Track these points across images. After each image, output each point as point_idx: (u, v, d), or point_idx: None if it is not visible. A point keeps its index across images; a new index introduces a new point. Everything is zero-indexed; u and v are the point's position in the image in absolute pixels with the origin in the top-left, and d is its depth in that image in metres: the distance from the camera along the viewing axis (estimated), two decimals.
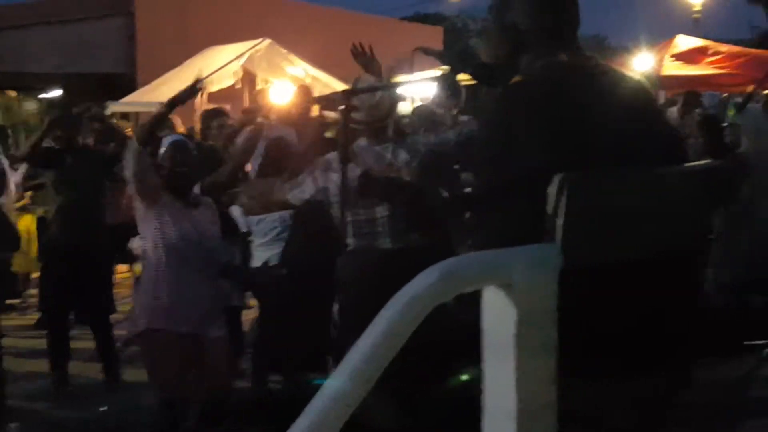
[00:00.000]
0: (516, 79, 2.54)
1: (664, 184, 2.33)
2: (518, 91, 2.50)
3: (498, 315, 1.63)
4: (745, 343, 4.47)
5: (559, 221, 2.07)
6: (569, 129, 2.34)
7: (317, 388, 1.56)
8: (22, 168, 10.11)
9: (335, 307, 4.54)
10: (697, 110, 7.63)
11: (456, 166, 4.94)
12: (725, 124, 6.54)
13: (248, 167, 6.44)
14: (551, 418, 1.65)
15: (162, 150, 5.20)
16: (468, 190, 4.38)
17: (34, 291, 9.64)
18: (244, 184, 5.83)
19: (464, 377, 3.10)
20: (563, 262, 1.72)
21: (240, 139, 6.38)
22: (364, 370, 1.52)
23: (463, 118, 6.62)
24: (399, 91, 5.85)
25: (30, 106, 22.99)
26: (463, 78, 3.66)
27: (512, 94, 2.52)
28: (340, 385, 1.52)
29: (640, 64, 13.45)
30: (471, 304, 1.72)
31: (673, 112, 7.61)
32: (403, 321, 1.54)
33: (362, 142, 4.46)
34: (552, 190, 2.13)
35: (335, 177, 4.15)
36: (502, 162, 2.40)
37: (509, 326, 1.62)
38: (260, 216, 5.74)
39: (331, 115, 5.70)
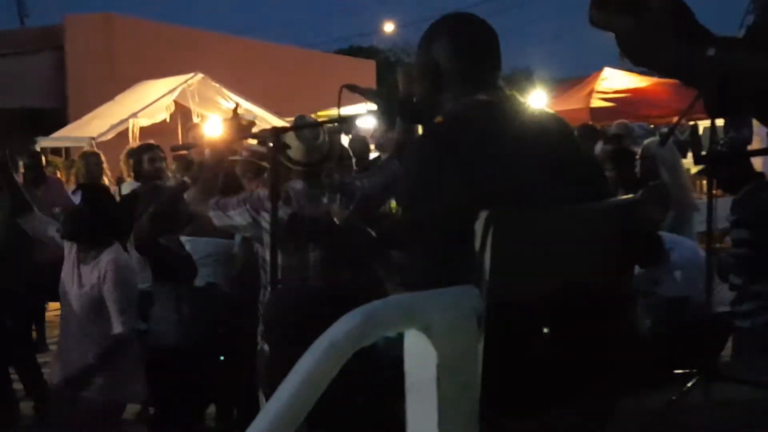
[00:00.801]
0: (437, 119, 2.57)
1: (586, 219, 2.38)
2: (438, 131, 2.53)
3: (419, 358, 1.65)
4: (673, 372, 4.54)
5: (486, 258, 2.10)
6: (488, 168, 2.37)
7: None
8: None
9: (264, 346, 4.51)
10: (602, 143, 7.76)
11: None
12: (637, 157, 6.66)
13: None
14: None
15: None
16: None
17: None
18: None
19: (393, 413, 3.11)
20: (485, 302, 1.74)
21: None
22: (285, 417, 1.52)
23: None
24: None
25: None
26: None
27: (432, 134, 2.56)
28: (269, 419, 1.52)
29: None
30: (398, 341, 1.73)
31: (599, 145, 7.73)
32: (324, 366, 1.55)
33: (297, 183, 4.43)
34: (478, 227, 2.16)
35: (266, 215, 4.13)
36: (423, 201, 2.42)
37: (430, 369, 1.63)
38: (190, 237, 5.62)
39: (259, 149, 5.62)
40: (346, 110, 4.33)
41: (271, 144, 4.26)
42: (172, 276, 5.39)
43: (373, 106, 4.08)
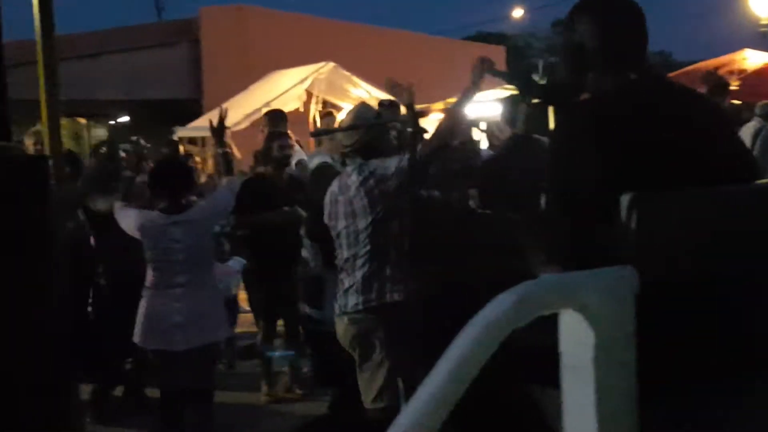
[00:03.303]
0: (584, 96, 2.52)
1: (736, 201, 2.30)
2: (586, 109, 2.49)
3: (576, 338, 1.62)
4: None
5: (633, 238, 2.06)
6: (638, 147, 2.32)
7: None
8: None
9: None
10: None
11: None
12: None
13: None
14: None
15: None
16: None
17: None
18: None
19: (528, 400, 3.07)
20: (639, 284, 1.70)
21: None
22: (443, 395, 1.51)
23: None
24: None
25: (99, 132, 23.44)
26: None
27: (579, 112, 2.51)
28: (419, 407, 1.52)
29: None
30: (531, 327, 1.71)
31: (749, 127, 7.50)
32: (481, 345, 1.54)
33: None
34: (622, 209, 2.12)
35: None
36: (570, 179, 2.38)
37: (587, 349, 1.60)
38: None
39: None
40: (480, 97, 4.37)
41: (410, 129, 4.32)
42: None
43: (502, 93, 4.07)
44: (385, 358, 4.63)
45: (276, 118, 8.58)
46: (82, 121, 22.04)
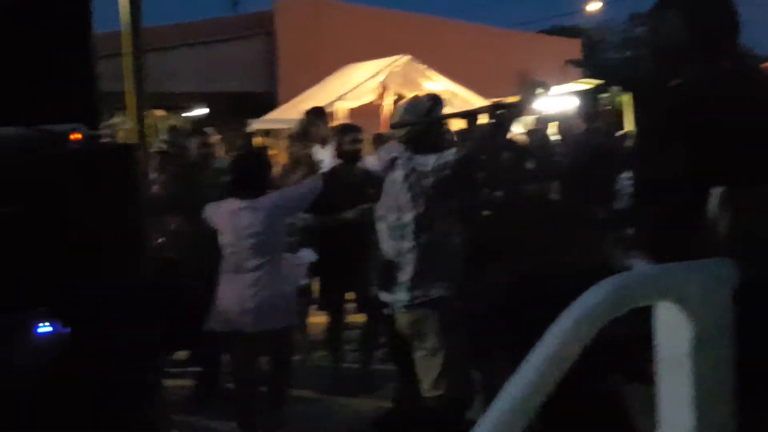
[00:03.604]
0: (675, 82, 2.49)
1: None
2: (677, 96, 2.45)
3: (672, 331, 1.61)
4: None
5: (726, 235, 2.03)
6: (731, 137, 2.28)
7: None
8: None
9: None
10: None
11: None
12: None
13: None
14: None
15: None
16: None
17: None
18: None
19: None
20: (738, 278, 1.67)
21: None
22: (537, 384, 1.51)
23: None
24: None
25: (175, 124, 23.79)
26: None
27: (671, 99, 2.48)
28: (512, 398, 1.52)
29: None
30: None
31: None
32: (575, 336, 1.53)
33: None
34: (715, 201, 2.09)
35: None
36: (662, 169, 2.35)
37: (684, 343, 1.59)
38: None
39: None
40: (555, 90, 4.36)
41: (493, 120, 4.31)
42: None
43: (582, 86, 4.05)
44: (438, 349, 4.70)
45: (318, 113, 8.67)
46: (159, 113, 22.42)
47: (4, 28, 3.48)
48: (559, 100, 10.39)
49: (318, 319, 8.38)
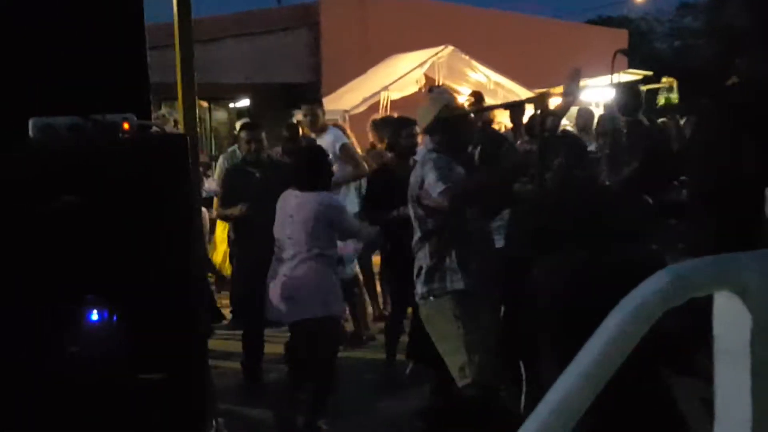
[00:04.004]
0: (731, 82, 2.45)
1: None
2: (736, 97, 2.41)
3: (731, 321, 1.58)
4: None
5: None
6: None
7: None
8: (215, 174, 10.55)
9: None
10: None
11: None
12: None
13: None
14: None
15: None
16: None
17: (225, 293, 10.07)
18: None
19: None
20: None
21: None
22: (594, 374, 1.50)
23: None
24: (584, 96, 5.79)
25: (220, 115, 23.97)
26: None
27: (730, 98, 2.44)
28: (570, 387, 1.51)
29: None
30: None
31: None
32: (634, 325, 1.51)
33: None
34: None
35: None
36: (717, 166, 2.33)
37: (744, 333, 1.56)
38: None
39: None
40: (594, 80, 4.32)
41: (538, 111, 4.27)
42: None
43: (626, 77, 4.01)
44: (459, 338, 4.72)
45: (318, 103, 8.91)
46: (204, 104, 22.54)
47: (57, 19, 3.52)
48: (605, 91, 10.30)
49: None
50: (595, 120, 8.70)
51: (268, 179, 7.17)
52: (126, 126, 3.35)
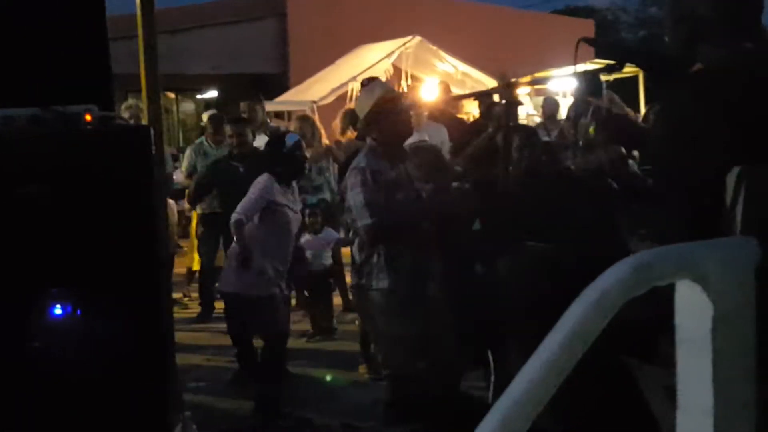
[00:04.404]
0: (697, 67, 2.45)
1: None
2: (700, 82, 2.42)
3: (693, 309, 1.59)
4: None
5: (738, 213, 2.01)
6: (756, 123, 2.25)
7: None
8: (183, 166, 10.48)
9: None
10: None
11: None
12: None
13: None
14: (750, 418, 1.59)
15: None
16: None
17: (195, 286, 10.03)
18: None
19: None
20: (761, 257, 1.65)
21: None
22: (557, 363, 1.50)
23: None
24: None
25: (187, 106, 23.83)
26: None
27: (693, 85, 2.44)
28: (531, 378, 1.51)
29: None
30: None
31: None
32: (596, 314, 1.51)
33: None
34: (730, 181, 2.07)
35: None
36: (682, 152, 2.33)
37: (705, 321, 1.57)
38: None
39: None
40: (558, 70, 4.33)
41: (504, 100, 4.28)
42: None
43: (590, 66, 4.03)
44: (380, 333, 4.96)
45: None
46: (171, 95, 22.37)
47: (17, 10, 3.47)
48: (570, 80, 10.33)
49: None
50: (561, 109, 8.73)
51: (251, 173, 7.15)
52: (88, 117, 3.31)
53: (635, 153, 5.84)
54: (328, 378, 7.02)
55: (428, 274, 4.90)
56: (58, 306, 3.26)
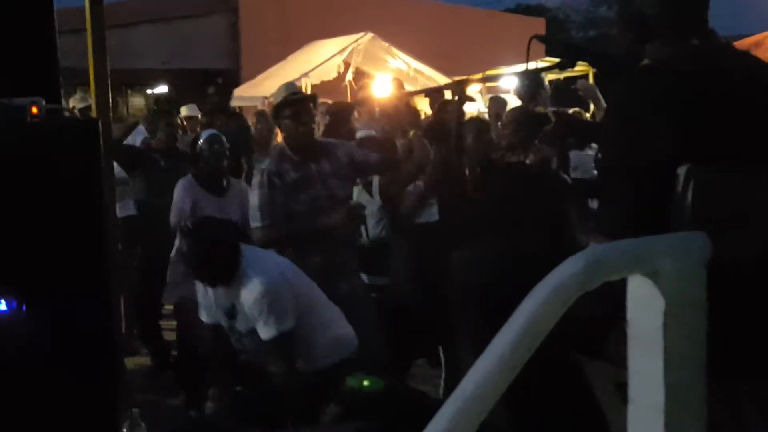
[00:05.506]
0: (644, 63, 2.47)
1: None
2: (645, 78, 2.43)
3: (645, 304, 1.59)
4: None
5: (685, 211, 2.03)
6: (697, 117, 2.26)
7: None
8: None
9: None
10: None
11: None
12: None
13: None
14: (701, 413, 1.60)
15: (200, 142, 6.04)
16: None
17: None
18: None
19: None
20: (711, 252, 1.66)
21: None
22: (509, 359, 1.49)
23: None
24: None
25: (137, 101, 23.59)
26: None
27: (639, 81, 2.45)
28: (485, 373, 1.50)
29: None
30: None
31: None
32: (549, 309, 1.51)
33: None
34: (679, 179, 2.09)
35: None
36: (626, 148, 2.33)
37: (656, 316, 1.57)
38: None
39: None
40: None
41: (456, 97, 4.28)
42: None
43: (541, 64, 4.06)
44: None
45: None
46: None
47: None
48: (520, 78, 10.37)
49: None
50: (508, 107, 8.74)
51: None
52: (34, 110, 3.24)
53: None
54: None
55: (339, 273, 4.88)
56: (2, 301, 3.19)
